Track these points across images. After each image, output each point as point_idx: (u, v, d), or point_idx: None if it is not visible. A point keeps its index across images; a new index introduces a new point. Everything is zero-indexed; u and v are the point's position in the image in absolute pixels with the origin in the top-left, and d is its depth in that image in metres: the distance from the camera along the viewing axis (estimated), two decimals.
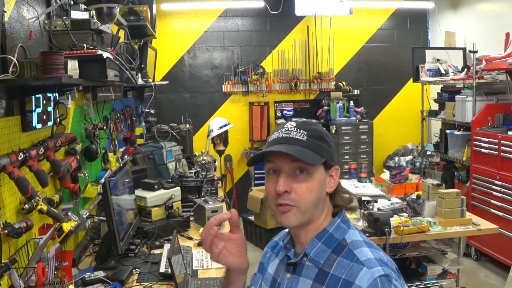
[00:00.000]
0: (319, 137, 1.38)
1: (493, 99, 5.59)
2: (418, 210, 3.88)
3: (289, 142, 1.35)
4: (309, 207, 1.35)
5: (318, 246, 1.37)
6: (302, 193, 1.33)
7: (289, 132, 1.37)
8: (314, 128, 1.39)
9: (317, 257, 1.36)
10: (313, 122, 1.44)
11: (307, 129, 1.37)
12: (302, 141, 1.34)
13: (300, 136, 1.35)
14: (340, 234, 1.38)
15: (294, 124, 1.39)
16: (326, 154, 1.37)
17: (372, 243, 1.37)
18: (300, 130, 1.37)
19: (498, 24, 5.94)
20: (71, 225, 2.23)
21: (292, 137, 1.36)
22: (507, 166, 4.98)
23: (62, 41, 2.31)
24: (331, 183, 1.41)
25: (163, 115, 6.85)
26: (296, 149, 1.33)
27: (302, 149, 1.33)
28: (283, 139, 1.37)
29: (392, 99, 8.04)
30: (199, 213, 3.72)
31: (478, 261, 5.45)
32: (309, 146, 1.34)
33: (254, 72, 7.59)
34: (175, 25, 7.51)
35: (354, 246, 1.34)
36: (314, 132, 1.38)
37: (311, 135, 1.36)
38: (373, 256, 1.30)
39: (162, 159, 4.85)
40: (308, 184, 1.34)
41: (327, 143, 1.39)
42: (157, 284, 2.62)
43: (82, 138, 3.27)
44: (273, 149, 1.34)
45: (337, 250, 1.35)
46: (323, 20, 7.63)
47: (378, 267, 1.26)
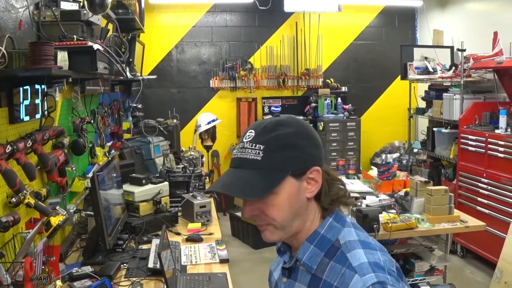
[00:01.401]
0: (281, 145, 1.22)
1: (480, 98, 5.63)
2: (406, 207, 3.89)
3: (241, 165, 1.23)
4: (284, 223, 1.25)
5: (310, 249, 1.26)
6: (271, 213, 1.23)
7: (243, 151, 1.24)
8: (277, 135, 1.23)
9: (309, 262, 1.25)
10: (279, 123, 1.26)
11: (265, 140, 1.22)
12: (256, 161, 1.21)
13: (254, 154, 1.22)
14: (333, 235, 1.27)
15: (252, 136, 1.24)
16: (293, 163, 1.23)
17: (369, 243, 1.25)
18: (256, 144, 1.22)
19: (486, 23, 5.98)
20: (59, 219, 2.19)
21: (246, 159, 1.23)
22: (493, 164, 5.02)
23: (51, 32, 2.26)
24: (311, 187, 1.26)
25: (150, 110, 6.80)
26: (239, 181, 1.21)
27: (252, 175, 1.21)
28: (238, 161, 1.25)
29: (380, 97, 8.07)
30: (187, 209, 3.70)
31: (464, 258, 5.49)
32: (265, 166, 1.20)
33: (242, 68, 7.56)
34: (163, 19, 7.45)
35: (347, 248, 1.22)
36: (274, 142, 1.22)
37: (269, 148, 1.21)
38: (366, 260, 1.18)
39: (150, 154, 4.81)
40: (275, 203, 1.22)
41: (294, 147, 1.23)
42: (146, 279, 2.60)
43: (69, 131, 3.23)
44: (217, 190, 1.27)
45: (330, 253, 1.24)
46: (312, 16, 7.62)
47: (371, 274, 1.14)
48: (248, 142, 1.23)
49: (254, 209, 1.24)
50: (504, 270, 4.46)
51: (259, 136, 1.23)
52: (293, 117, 1.31)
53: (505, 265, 4.48)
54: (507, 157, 4.80)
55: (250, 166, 1.22)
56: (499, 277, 4.48)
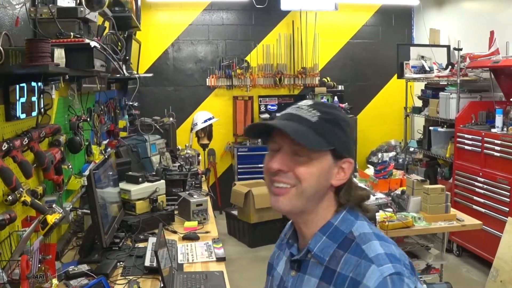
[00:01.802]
0: (334, 122, 1.23)
1: (476, 97, 5.64)
2: (403, 205, 3.89)
3: (294, 119, 1.22)
4: (306, 191, 1.21)
5: (322, 240, 1.24)
6: (300, 174, 1.20)
7: (298, 110, 1.24)
8: (331, 112, 1.24)
9: (321, 253, 1.23)
10: (333, 106, 1.30)
11: (322, 110, 1.23)
12: (310, 121, 1.20)
13: (309, 116, 1.21)
14: (346, 227, 1.24)
15: (309, 103, 1.25)
16: (338, 141, 1.22)
17: (383, 236, 1.23)
18: (312, 110, 1.22)
19: (483, 22, 5.98)
20: (55, 218, 2.18)
21: (300, 116, 1.22)
22: (490, 163, 5.03)
23: (48, 29, 2.25)
24: (340, 176, 1.25)
25: (146, 108, 6.78)
26: (296, 129, 1.19)
27: (306, 130, 1.19)
28: (290, 115, 1.24)
29: (376, 96, 8.07)
30: (183, 207, 3.69)
31: (460, 257, 5.50)
32: (316, 129, 1.20)
33: (239, 66, 7.55)
34: (160, 17, 7.44)
35: (362, 240, 1.20)
36: (329, 116, 1.23)
37: (324, 117, 1.21)
38: (383, 251, 1.16)
39: (146, 152, 4.80)
40: (308, 167, 1.20)
41: (342, 130, 1.24)
42: (142, 278, 2.59)
43: (65, 129, 3.21)
44: (271, 123, 1.21)
45: (344, 245, 1.22)
46: (309, 15, 7.62)
47: (389, 264, 1.13)
48: (304, 105, 1.24)
49: (285, 164, 1.22)
50: (500, 269, 4.48)
51: (317, 106, 1.24)
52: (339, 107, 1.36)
53: (501, 264, 4.49)
54: (503, 156, 4.81)
55: (303, 123, 1.20)
56: (495, 276, 4.50)
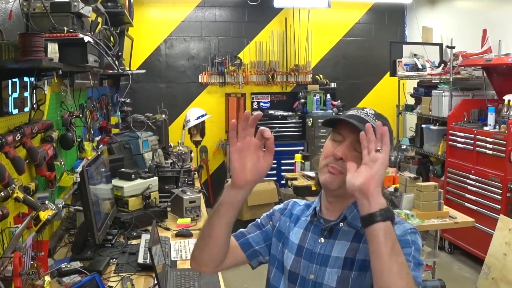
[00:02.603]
0: (389, 135, 1.41)
1: (469, 95, 5.67)
2: (396, 202, 3.90)
3: (362, 121, 1.46)
4: None
5: (354, 212, 1.52)
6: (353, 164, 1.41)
7: (366, 116, 1.50)
8: (387, 125, 1.44)
9: (355, 221, 1.51)
10: (387, 119, 1.54)
11: (384, 123, 1.41)
12: (374, 128, 1.38)
13: (372, 121, 1.46)
14: None
15: (373, 112, 1.53)
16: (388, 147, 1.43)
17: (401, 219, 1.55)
18: (376, 119, 1.48)
19: (475, 20, 6.01)
20: (48, 214, 2.16)
21: (365, 119, 1.48)
22: (482, 161, 5.05)
23: (41, 24, 2.22)
24: None
25: (138, 105, 6.75)
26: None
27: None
28: (360, 118, 1.49)
29: (369, 93, 8.08)
30: (176, 204, 3.67)
31: (452, 254, 5.52)
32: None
33: (231, 63, 7.53)
34: (152, 13, 7.40)
35: None
36: (387, 124, 1.45)
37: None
38: (405, 223, 1.50)
39: (138, 149, 4.77)
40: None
41: (391, 142, 1.45)
42: (136, 275, 2.58)
43: (58, 125, 3.18)
44: (352, 121, 1.46)
45: None
46: (302, 12, 7.61)
47: (407, 223, 1.49)
48: (371, 114, 1.52)
49: (346, 155, 1.47)
50: (492, 266, 4.50)
51: (378, 117, 1.52)
52: None
53: (492, 261, 4.51)
54: (495, 154, 4.84)
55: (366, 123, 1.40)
56: (486, 273, 4.52)
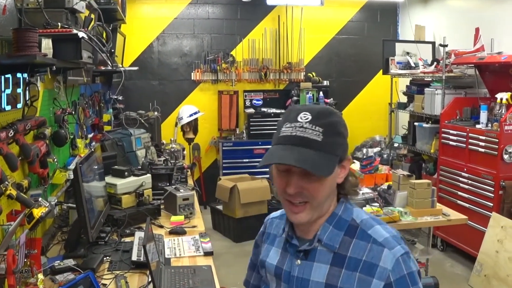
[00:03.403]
0: (336, 132, 1.32)
1: (461, 93, 5.69)
2: (389, 200, 3.91)
3: (303, 144, 1.28)
4: (321, 203, 1.35)
5: (330, 230, 1.37)
6: (314, 191, 1.32)
7: (304, 131, 1.29)
8: (331, 122, 1.32)
9: (331, 242, 1.36)
10: (329, 111, 1.35)
11: (323, 124, 1.30)
12: (317, 142, 1.28)
13: (315, 135, 1.28)
14: (347, 215, 1.39)
15: (309, 118, 1.30)
16: (341, 150, 1.34)
17: (378, 219, 1.41)
18: (316, 126, 1.29)
19: (468, 19, 6.03)
20: (41, 211, 2.14)
21: (307, 138, 1.29)
22: (474, 159, 5.07)
23: (35, 19, 2.19)
24: (342, 174, 1.39)
25: (130, 102, 6.72)
26: (309, 158, 1.26)
27: (317, 155, 1.27)
28: (297, 139, 1.29)
29: (361, 91, 8.09)
30: (170, 201, 3.66)
31: (444, 251, 5.54)
32: (324, 148, 1.29)
33: (224, 61, 7.52)
34: (145, 10, 7.36)
35: (366, 226, 1.36)
36: (331, 127, 1.31)
37: (327, 131, 1.30)
38: (388, 234, 1.33)
39: (131, 146, 4.75)
40: (322, 183, 1.32)
41: (343, 136, 1.35)
42: (129, 272, 2.57)
43: (50, 122, 3.16)
44: (285, 162, 1.28)
45: (350, 232, 1.36)
46: (295, 10, 7.60)
47: (398, 246, 1.30)
48: (307, 123, 1.29)
49: (299, 187, 1.31)
50: (484, 264, 4.52)
51: (317, 119, 1.30)
52: (329, 107, 1.42)
53: (485, 258, 4.54)
54: (487, 152, 4.85)
55: (313, 146, 1.28)
56: (479, 270, 4.54)
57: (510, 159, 4.70)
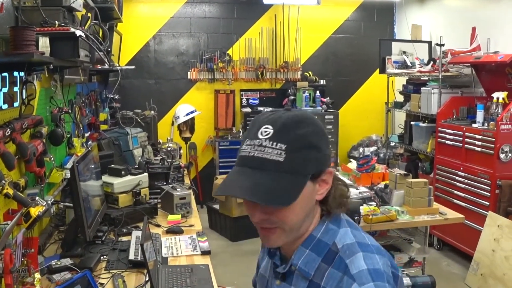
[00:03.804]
0: (305, 145, 1.12)
1: (458, 92, 5.70)
2: (386, 199, 3.91)
3: (261, 167, 1.10)
4: (294, 227, 1.16)
5: (306, 254, 1.18)
6: (284, 218, 1.13)
7: (262, 150, 1.11)
8: (297, 135, 1.12)
9: (306, 267, 1.17)
10: (297, 121, 1.14)
11: (287, 139, 1.10)
12: (278, 163, 1.09)
13: (276, 154, 1.09)
14: (329, 238, 1.19)
15: (270, 133, 1.11)
16: (314, 165, 1.13)
17: (366, 245, 1.17)
18: (276, 143, 1.10)
19: (464, 18, 6.04)
20: (39, 210, 2.13)
21: (265, 159, 1.10)
22: (470, 158, 5.08)
23: (32, 17, 2.18)
24: (322, 190, 1.18)
25: (127, 101, 6.70)
26: (264, 186, 1.08)
27: (276, 180, 1.09)
28: (254, 161, 1.11)
29: (358, 90, 8.09)
30: (167, 200, 3.65)
31: (441, 250, 5.56)
32: (287, 169, 1.09)
33: (221, 60, 7.51)
34: (141, 9, 7.35)
35: (346, 254, 1.14)
36: (297, 142, 1.12)
37: (292, 148, 1.10)
38: (366, 266, 1.10)
39: (128, 145, 4.74)
40: (290, 209, 1.12)
41: (316, 148, 1.14)
42: (127, 271, 2.56)
43: (47, 121, 3.14)
44: (233, 194, 1.11)
45: (328, 259, 1.16)
46: (291, 9, 7.59)
47: (371, 283, 1.07)
48: (267, 140, 1.10)
49: (265, 214, 1.13)
50: (480, 262, 4.53)
51: (279, 134, 1.11)
52: (307, 112, 1.20)
53: (481, 257, 4.55)
54: (484, 151, 4.87)
55: (272, 168, 1.09)
56: (475, 269, 4.55)
57: (506, 158, 4.71)
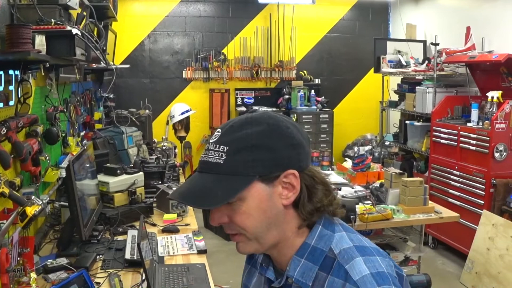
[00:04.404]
0: (247, 146, 1.08)
1: (452, 91, 5.71)
2: (381, 198, 3.92)
3: (205, 170, 1.11)
4: (257, 233, 1.12)
5: (301, 264, 1.12)
6: (240, 221, 1.10)
7: (207, 153, 1.12)
8: (241, 136, 1.10)
9: (303, 278, 1.11)
10: (248, 121, 1.12)
11: (229, 140, 1.09)
12: (219, 165, 1.09)
13: (217, 157, 1.09)
14: (324, 244, 1.12)
15: (218, 136, 1.12)
16: (260, 165, 1.08)
17: (365, 247, 1.12)
18: (219, 146, 1.10)
19: (459, 18, 6.06)
20: (35, 209, 2.12)
21: (208, 162, 1.11)
22: (465, 157, 5.10)
23: (28, 15, 2.17)
24: (287, 193, 1.11)
25: (121, 100, 6.69)
26: (199, 188, 1.10)
27: (215, 182, 1.09)
28: (201, 164, 1.13)
29: (353, 89, 8.11)
30: (162, 199, 3.64)
31: (435, 249, 5.57)
32: (227, 170, 1.08)
33: (215, 59, 7.51)
34: (136, 8, 7.33)
35: (344, 259, 1.08)
36: (239, 143, 1.09)
37: (233, 150, 1.09)
38: (368, 271, 1.05)
39: (123, 145, 4.72)
40: (243, 210, 1.09)
41: (262, 149, 1.09)
42: (123, 271, 2.55)
43: (42, 120, 3.13)
44: (172, 197, 1.15)
45: (326, 266, 1.10)
46: (286, 8, 7.60)
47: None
48: (213, 143, 1.11)
49: (222, 216, 1.12)
50: (475, 261, 4.55)
51: (224, 136, 1.11)
52: (267, 113, 1.16)
53: (476, 256, 4.56)
54: (478, 150, 4.88)
55: (212, 170, 1.09)
56: (470, 268, 4.57)
57: (501, 157, 4.73)
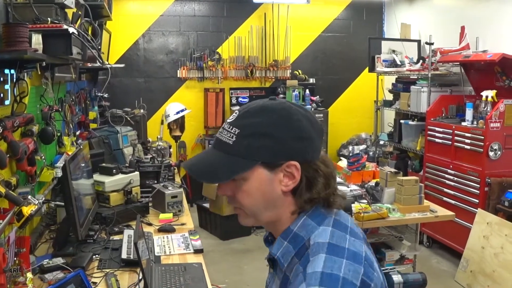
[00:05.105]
0: (256, 133, 1.16)
1: (447, 91, 5.73)
2: (377, 197, 3.93)
3: (217, 147, 1.21)
4: (254, 210, 1.22)
5: (284, 245, 1.20)
6: (240, 198, 1.21)
7: (222, 132, 1.21)
8: (253, 122, 1.18)
9: (282, 259, 1.19)
10: (262, 109, 1.20)
11: (242, 124, 1.18)
12: (228, 145, 1.18)
13: (228, 137, 1.18)
14: (306, 233, 1.18)
15: (234, 118, 1.20)
16: (264, 152, 1.16)
17: (338, 247, 1.13)
18: (232, 127, 1.18)
19: (453, 17, 6.08)
20: (31, 209, 2.12)
21: (219, 140, 1.21)
22: (460, 156, 5.12)
23: (24, 14, 2.16)
24: (287, 181, 1.18)
25: (116, 99, 6.66)
26: (206, 163, 1.21)
27: (221, 159, 1.19)
28: (215, 141, 1.24)
29: (347, 89, 8.12)
30: (158, 199, 3.64)
31: (430, 248, 5.59)
32: (234, 152, 1.17)
33: (210, 58, 7.50)
34: (131, 7, 7.31)
35: (312, 252, 1.12)
36: (249, 129, 1.17)
37: (243, 134, 1.17)
38: (321, 269, 1.06)
39: (118, 144, 4.71)
40: (244, 188, 1.19)
41: (269, 137, 1.16)
42: (119, 270, 2.55)
43: (37, 119, 3.12)
44: (186, 168, 1.23)
45: (299, 254, 1.16)
46: (281, 8, 7.59)
47: (316, 287, 1.04)
48: (228, 124, 1.20)
49: (227, 189, 1.23)
50: (470, 259, 4.57)
51: (238, 119, 1.19)
52: (284, 103, 1.22)
53: (471, 254, 4.58)
54: (473, 149, 4.90)
55: (222, 149, 1.19)
56: (465, 266, 4.58)
57: (495, 156, 4.75)
